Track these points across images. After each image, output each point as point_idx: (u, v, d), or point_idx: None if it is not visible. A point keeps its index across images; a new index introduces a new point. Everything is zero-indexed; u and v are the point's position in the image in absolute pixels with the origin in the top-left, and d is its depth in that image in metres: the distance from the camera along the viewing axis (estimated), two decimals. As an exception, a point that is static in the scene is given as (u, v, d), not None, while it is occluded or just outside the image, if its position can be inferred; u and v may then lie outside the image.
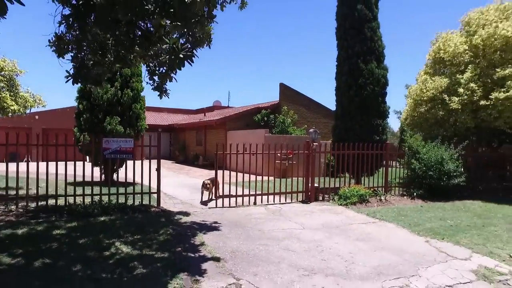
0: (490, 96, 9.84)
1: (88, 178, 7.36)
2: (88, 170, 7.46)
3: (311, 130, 9.90)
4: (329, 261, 4.57)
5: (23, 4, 2.94)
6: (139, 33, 4.16)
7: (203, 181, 8.68)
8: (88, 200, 7.05)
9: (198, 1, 3.24)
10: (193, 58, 4.03)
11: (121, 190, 7.41)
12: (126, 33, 3.89)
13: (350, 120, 10.44)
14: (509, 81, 9.68)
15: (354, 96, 10.39)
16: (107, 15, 3.72)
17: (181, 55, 3.83)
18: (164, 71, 5.23)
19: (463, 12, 18.56)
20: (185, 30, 4.02)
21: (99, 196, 7.10)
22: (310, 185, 9.00)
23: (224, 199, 8.07)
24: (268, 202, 8.49)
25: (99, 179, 8.48)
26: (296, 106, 21.31)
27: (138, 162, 7.49)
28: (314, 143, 9.27)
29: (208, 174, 13.83)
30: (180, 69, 4.11)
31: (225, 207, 7.92)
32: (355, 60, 10.60)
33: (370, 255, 4.83)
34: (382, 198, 9.21)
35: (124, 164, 7.60)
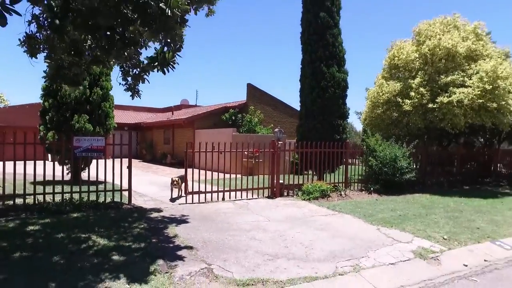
0: (436, 100, 10.91)
1: (55, 177, 7.40)
2: (50, 169, 7.46)
3: (276, 129, 10.46)
4: (291, 247, 5.10)
5: (19, 14, 3.16)
6: (117, 37, 4.44)
7: (172, 178, 8.95)
8: (58, 198, 7.11)
9: (177, 13, 3.61)
10: (174, 65, 4.41)
11: (92, 188, 7.55)
12: (105, 37, 4.16)
13: (313, 120, 11.15)
14: (451, 87, 10.81)
15: (317, 97, 11.10)
16: (87, 20, 3.98)
17: (169, 62, 4.21)
18: (137, 72, 5.51)
19: (417, 21, 19.96)
20: (162, 37, 4.35)
21: (69, 194, 7.19)
22: (275, 181, 9.55)
23: (194, 195, 8.41)
24: (236, 198, 8.94)
25: (65, 178, 8.47)
26: (263, 106, 21.91)
27: (107, 161, 7.65)
28: (279, 142, 9.83)
29: (177, 172, 14.02)
30: (164, 73, 4.47)
31: (194, 203, 8.26)
32: (318, 64, 11.31)
33: (328, 242, 5.42)
34: (342, 193, 9.94)
35: (93, 163, 7.72)
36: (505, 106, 10.53)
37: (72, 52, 4.79)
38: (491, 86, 10.34)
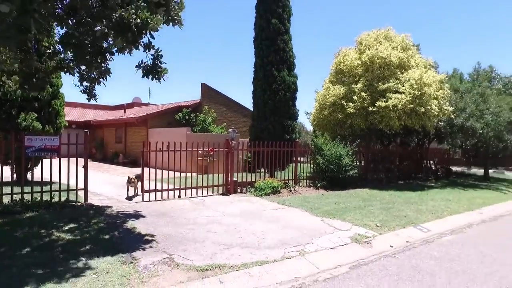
0: (375, 104, 12.10)
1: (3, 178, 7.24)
2: None
3: (230, 129, 10.96)
4: (244, 238, 5.64)
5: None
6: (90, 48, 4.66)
7: (129, 177, 9.06)
8: (7, 199, 6.92)
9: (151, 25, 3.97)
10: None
11: (45, 188, 7.47)
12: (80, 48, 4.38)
13: (265, 121, 11.82)
14: (388, 93, 12.06)
15: (268, 99, 11.78)
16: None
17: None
18: (96, 76, 5.68)
19: (360, 31, 21.59)
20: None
21: (20, 194, 7.04)
22: (229, 179, 10.04)
23: (150, 193, 8.62)
24: (191, 195, 9.29)
25: (10, 179, 8.25)
26: (217, 106, 22.26)
27: (55, 160, 7.59)
28: (233, 141, 10.34)
29: (130, 172, 13.93)
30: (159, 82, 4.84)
31: (151, 201, 8.48)
32: (270, 68, 11.99)
33: (278, 232, 6.03)
34: (292, 189, 10.70)
35: (42, 162, 7.55)
36: (430, 110, 11.99)
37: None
38: (419, 92, 11.72)
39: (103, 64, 5.01)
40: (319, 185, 11.58)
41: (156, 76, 4.90)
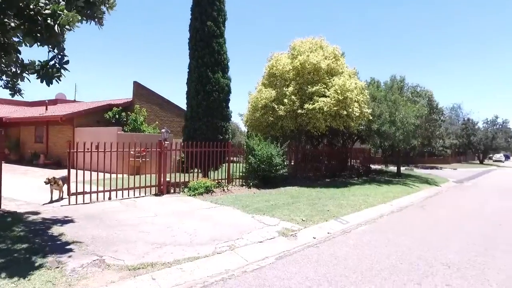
0: (304, 107, 12.95)
1: None
2: None
3: (163, 130, 10.86)
4: (177, 236, 5.76)
5: None
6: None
7: (48, 178, 8.46)
8: None
9: (65, 30, 3.87)
10: (61, 77, 4.55)
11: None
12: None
13: (198, 121, 11.93)
14: (315, 96, 13.00)
15: (202, 100, 11.92)
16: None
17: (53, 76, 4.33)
18: (18, 71, 5.31)
19: (293, 38, 22.71)
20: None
21: None
22: (162, 180, 9.97)
23: (78, 196, 8.21)
24: (123, 197, 9.05)
25: None
26: (149, 105, 21.66)
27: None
28: (166, 142, 10.28)
29: (52, 174, 12.98)
30: (48, 86, 4.55)
31: (79, 204, 8.07)
32: (204, 69, 12.13)
33: (210, 230, 6.25)
34: (225, 188, 10.98)
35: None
36: (352, 112, 13.21)
37: None
38: (343, 97, 12.85)
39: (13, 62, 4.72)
40: (251, 184, 12.02)
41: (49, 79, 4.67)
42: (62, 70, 4.59)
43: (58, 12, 4.00)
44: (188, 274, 4.30)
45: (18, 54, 4.82)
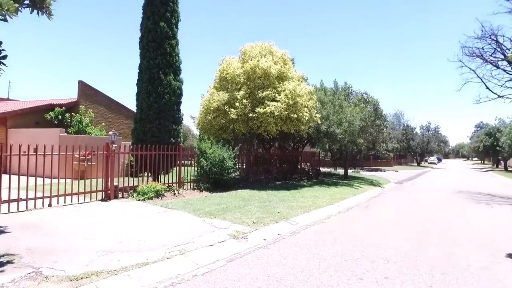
0: (255, 110, 13.14)
1: None
2: None
3: (111, 132, 10.38)
4: (125, 242, 5.55)
5: None
6: None
7: None
8: None
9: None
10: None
11: None
12: None
13: (149, 124, 11.59)
14: (266, 101, 13.26)
15: (154, 102, 11.60)
16: None
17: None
18: None
19: (244, 42, 22.96)
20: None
21: None
22: (110, 184, 9.54)
23: (11, 204, 7.54)
24: (65, 203, 8.49)
25: None
26: (96, 106, 20.61)
27: None
28: (114, 144, 9.86)
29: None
30: None
31: (12, 212, 7.44)
32: (156, 71, 11.81)
33: (159, 234, 6.10)
34: (176, 192, 10.77)
35: None
36: (302, 116, 13.66)
37: None
38: (293, 101, 13.25)
39: None
40: (203, 187, 11.92)
41: None
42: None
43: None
44: (136, 281, 4.16)
45: None
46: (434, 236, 7.07)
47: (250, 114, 13.16)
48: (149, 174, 10.97)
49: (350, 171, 26.16)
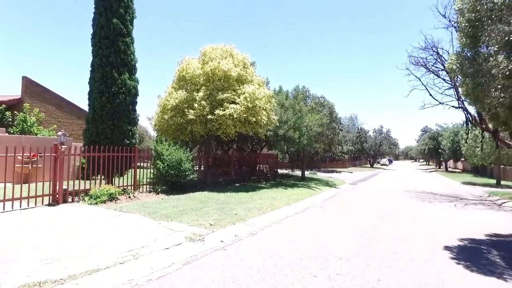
0: (214, 112, 13.07)
1: None
2: None
3: (60, 133, 9.79)
4: (74, 249, 5.26)
5: None
6: None
7: None
8: None
9: None
10: None
11: None
12: None
13: (102, 124, 11.11)
14: (226, 103, 13.25)
15: (107, 102, 11.14)
16: None
17: None
18: None
19: (204, 43, 22.82)
20: None
21: None
22: (58, 187, 9.00)
23: None
24: (4, 209, 7.87)
25: None
26: (44, 105, 19.37)
27: None
28: (63, 146, 9.32)
29: None
30: None
31: None
32: (110, 69, 11.37)
33: (112, 239, 5.86)
34: (131, 195, 10.41)
35: None
36: (260, 120, 13.82)
37: None
38: (252, 105, 13.36)
39: None
40: (159, 190, 11.64)
41: None
42: None
43: None
44: (85, 288, 3.97)
45: None
46: (384, 233, 7.47)
47: (209, 116, 13.07)
48: (103, 177, 10.51)
49: (307, 173, 26.86)
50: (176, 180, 11.84)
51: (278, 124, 15.97)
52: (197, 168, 15.45)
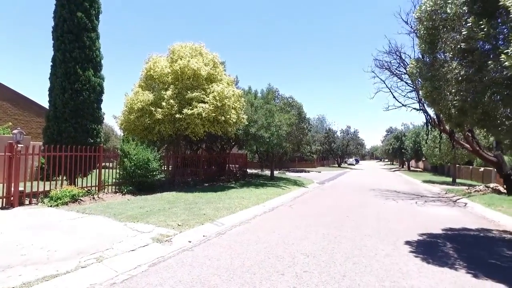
0: (182, 111, 12.89)
1: None
2: None
3: (16, 131, 9.27)
4: (30, 254, 4.99)
5: None
6: None
7: None
8: None
9: None
10: None
11: None
12: None
13: (64, 123, 10.64)
14: (195, 102, 13.11)
15: (70, 100, 10.69)
16: None
17: None
18: None
19: (173, 41, 22.44)
20: None
21: None
22: (13, 189, 8.51)
23: None
24: (-45, 212, 7.36)
25: None
26: (-2, 101, 18.24)
27: None
28: (20, 145, 8.83)
29: None
30: None
31: None
32: (73, 65, 10.91)
33: (74, 242, 5.63)
34: (95, 196, 10.05)
35: None
36: (229, 118, 13.78)
37: None
38: (221, 104, 13.31)
39: None
40: (126, 190, 11.33)
41: None
42: None
43: None
44: (43, 294, 3.79)
45: None
46: (349, 231, 7.71)
47: (177, 115, 12.87)
48: (65, 178, 10.06)
49: (276, 172, 27.13)
50: (143, 180, 11.57)
51: (248, 123, 16.02)
52: (166, 168, 15.17)
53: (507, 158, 17.14)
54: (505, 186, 15.99)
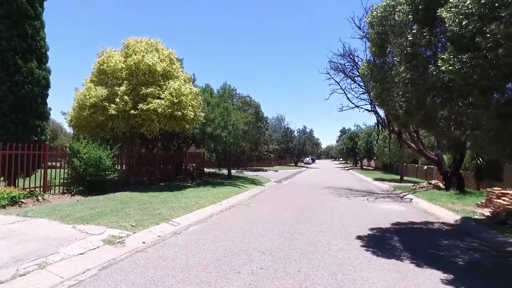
0: (137, 107, 12.44)
1: None
2: None
3: None
4: (-38, 261, 4.54)
5: None
6: None
7: None
8: None
9: None
10: None
11: None
12: None
13: (2, 118, 9.77)
14: (150, 98, 12.71)
15: (9, 93, 9.85)
16: None
17: None
18: None
19: (127, 35, 21.59)
20: None
21: None
22: None
23: None
24: None
25: None
26: None
27: None
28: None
29: None
30: None
31: None
32: (12, 55, 10.07)
33: (11, 249, 5.13)
34: (40, 197, 9.38)
35: None
36: (186, 114, 13.50)
37: None
38: (177, 100, 13.03)
39: None
40: (75, 191, 10.72)
41: None
42: None
43: None
44: (-24, 305, 3.46)
45: None
46: (305, 227, 7.90)
47: (132, 111, 12.38)
48: (3, 178, 9.27)
49: (234, 171, 27.10)
50: (95, 179, 10.99)
51: (205, 121, 15.83)
52: (119, 167, 14.55)
53: (446, 157, 18.57)
54: (443, 182, 17.33)
